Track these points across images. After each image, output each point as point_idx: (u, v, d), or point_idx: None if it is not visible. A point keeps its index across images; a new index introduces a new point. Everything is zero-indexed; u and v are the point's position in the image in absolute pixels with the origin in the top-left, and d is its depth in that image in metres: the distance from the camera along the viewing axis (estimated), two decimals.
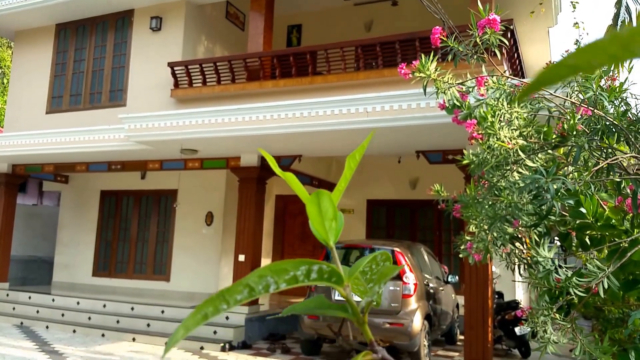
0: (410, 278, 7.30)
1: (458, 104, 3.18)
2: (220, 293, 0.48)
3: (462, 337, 8.90)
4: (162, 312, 9.20)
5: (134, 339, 8.63)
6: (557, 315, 2.71)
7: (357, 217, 12.41)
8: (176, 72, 10.19)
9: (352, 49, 8.81)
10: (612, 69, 4.88)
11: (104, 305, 9.67)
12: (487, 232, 3.14)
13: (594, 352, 2.56)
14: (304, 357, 7.68)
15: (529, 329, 2.73)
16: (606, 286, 2.50)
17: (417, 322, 7.04)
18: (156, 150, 9.24)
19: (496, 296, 8.72)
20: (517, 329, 7.67)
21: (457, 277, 8.88)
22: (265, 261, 12.05)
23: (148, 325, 8.91)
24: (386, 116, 6.90)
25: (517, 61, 8.55)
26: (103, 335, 8.84)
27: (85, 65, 11.69)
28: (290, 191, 12.56)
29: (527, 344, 8.04)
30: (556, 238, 3.54)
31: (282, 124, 7.49)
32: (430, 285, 8.03)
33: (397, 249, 7.56)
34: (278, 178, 10.18)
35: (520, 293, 10.49)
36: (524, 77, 9.62)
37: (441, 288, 8.54)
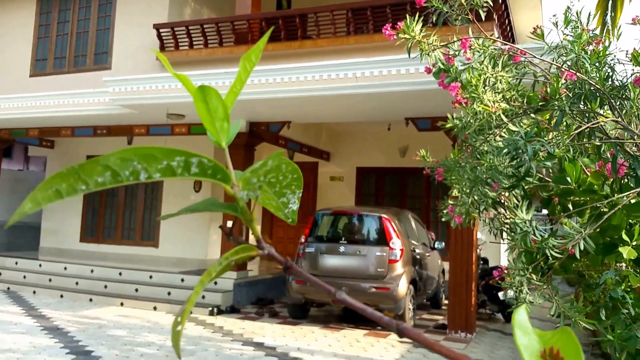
0: (396, 244, 7.37)
1: (444, 67, 3.15)
2: (74, 169, 0.44)
3: (447, 302, 9.06)
4: (150, 277, 9.25)
5: (122, 304, 8.70)
6: (534, 276, 2.75)
7: (346, 184, 12.45)
8: (162, 34, 10.01)
9: (342, 13, 8.67)
10: (603, 34, 4.83)
11: (92, 271, 9.70)
12: (469, 195, 3.16)
13: (569, 311, 2.61)
14: (291, 320, 7.79)
15: (512, 294, 2.78)
16: (582, 248, 2.52)
17: (403, 287, 7.15)
18: (142, 114, 9.14)
19: (481, 262, 8.85)
20: (500, 294, 7.81)
21: (443, 244, 8.98)
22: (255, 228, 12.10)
23: (136, 290, 8.97)
24: (375, 81, 6.85)
25: (508, 27, 8.47)
26: (91, 300, 8.90)
27: (69, 27, 11.44)
28: None
29: (510, 308, 8.21)
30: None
31: (270, 89, 7.41)
32: (417, 251, 8.12)
33: (385, 216, 7.62)
34: (268, 145, 10.13)
35: (505, 259, 10.65)
36: (514, 42, 9.54)
37: (427, 254, 8.64)
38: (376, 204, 11.93)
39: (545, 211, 4.82)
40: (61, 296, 9.17)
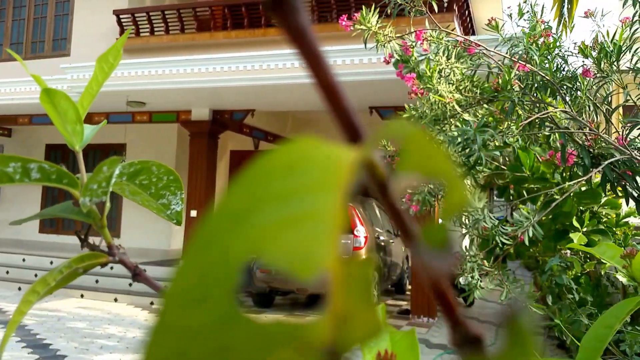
0: (360, 231, 7.45)
1: (399, 57, 3.18)
2: None
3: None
4: (112, 268, 9.09)
5: (82, 296, 8.56)
6: (486, 263, 2.83)
7: None
8: (122, 20, 9.79)
9: (306, 1, 8.64)
10: (560, 26, 4.94)
11: (51, 262, 9.50)
12: (424, 184, 3.22)
13: (519, 297, 2.70)
14: (255, 309, 7.81)
15: (464, 280, 2.85)
16: (531, 235, 2.60)
17: None
18: (102, 102, 8.94)
19: None
20: (460, 279, 8.00)
21: None
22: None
23: (96, 281, 8.83)
24: (339, 70, 6.86)
25: (468, 18, 8.59)
26: None
27: (26, 11, 11.06)
28: (245, 146, 12.45)
29: (464, 293, 8.42)
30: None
31: (233, 77, 7.35)
32: (381, 238, 8.22)
33: (349, 204, 7.66)
34: (233, 133, 10.05)
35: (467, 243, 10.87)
36: (474, 33, 9.68)
37: (391, 241, 8.76)
38: None
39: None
40: (19, 288, 8.95)
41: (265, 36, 8.72)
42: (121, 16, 9.72)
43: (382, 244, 8.22)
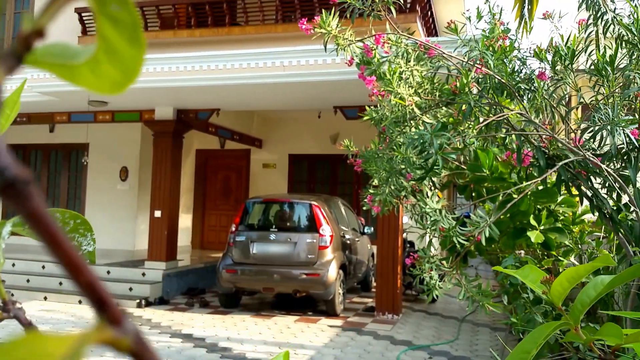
0: (326, 230, 7.50)
1: (358, 60, 3.22)
2: None
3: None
4: None
5: (45, 298, 8.38)
6: (445, 263, 2.90)
7: (279, 171, 12.46)
8: (84, 18, 9.58)
9: (271, 0, 8.62)
10: (520, 27, 5.06)
11: (13, 265, 9.26)
12: (385, 185, 3.27)
13: (476, 295, 2.78)
14: (222, 310, 7.77)
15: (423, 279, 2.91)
16: (487, 235, 2.68)
17: (333, 272, 7.29)
18: (63, 101, 8.75)
19: (408, 245, 9.14)
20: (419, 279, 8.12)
21: (372, 228, 9.20)
22: (186, 217, 11.91)
23: (60, 283, 8.64)
24: (303, 71, 6.88)
25: (431, 19, 8.71)
26: (12, 295, 8.45)
27: None
28: (211, 145, 12.35)
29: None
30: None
31: (197, 76, 7.28)
32: (347, 236, 8.29)
33: (315, 203, 7.71)
34: (198, 132, 9.96)
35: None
36: (437, 34, 9.82)
37: (357, 239, 8.84)
38: (308, 190, 12.03)
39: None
40: None
41: (230, 35, 8.67)
42: (83, 14, 9.52)
43: (348, 242, 8.29)
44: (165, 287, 8.41)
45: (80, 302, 8.17)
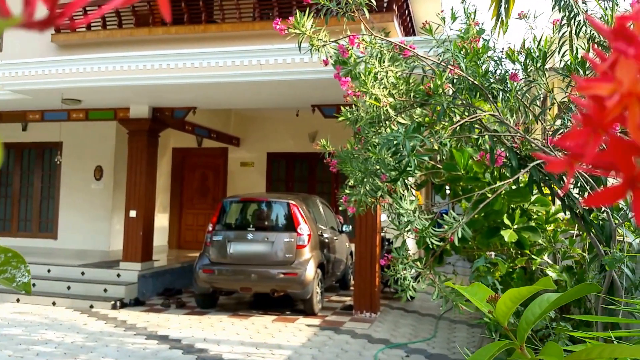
0: (304, 229, 7.48)
1: (334, 62, 3.21)
2: None
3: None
4: (49, 271, 8.78)
5: (18, 300, 8.21)
6: (419, 264, 2.90)
7: (257, 170, 12.40)
8: None
9: None
10: (497, 26, 5.09)
11: None
12: (361, 186, 3.26)
13: (450, 295, 2.79)
14: (199, 310, 7.71)
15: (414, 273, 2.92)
16: (460, 235, 2.69)
17: (310, 271, 7.28)
18: (36, 100, 8.57)
19: (386, 243, 9.18)
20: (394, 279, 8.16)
21: (350, 227, 9.21)
22: (162, 217, 11.78)
23: (34, 285, 8.47)
24: (280, 69, 6.84)
25: (408, 18, 8.73)
26: None
27: None
28: (188, 144, 12.23)
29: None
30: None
31: (173, 74, 7.19)
32: (325, 235, 8.28)
33: (292, 202, 7.69)
34: (175, 131, 9.86)
35: (410, 240, 11.09)
36: (414, 33, 9.87)
37: (335, 237, 8.84)
38: (287, 189, 12.01)
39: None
40: None
41: (206, 32, 8.58)
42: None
43: (326, 240, 8.29)
44: (140, 288, 8.31)
45: (54, 303, 8.02)
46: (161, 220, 11.55)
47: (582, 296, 3.26)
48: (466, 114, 3.24)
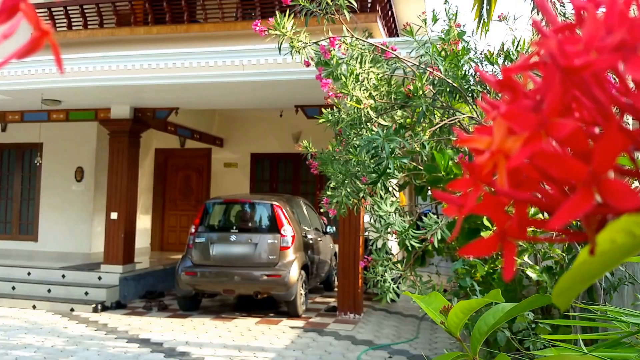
0: (287, 231, 7.45)
1: (315, 62, 3.19)
2: None
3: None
4: (29, 273, 8.65)
5: None
6: (399, 266, 2.90)
7: (241, 171, 12.34)
8: (37, 14, 9.26)
9: None
10: (480, 28, 5.10)
11: None
12: (342, 188, 3.25)
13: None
14: (181, 313, 7.64)
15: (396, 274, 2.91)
16: (440, 237, 2.69)
17: (294, 273, 7.25)
18: (15, 100, 8.44)
19: (370, 244, 9.17)
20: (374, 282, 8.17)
21: (334, 228, 9.20)
22: (145, 218, 11.67)
23: (13, 288, 8.34)
24: (263, 70, 6.81)
25: (392, 19, 8.75)
26: None
27: None
28: (171, 144, 12.14)
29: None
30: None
31: (155, 75, 7.13)
32: (309, 236, 8.26)
33: (276, 203, 7.66)
34: (157, 131, 9.77)
35: (393, 242, 11.11)
36: (398, 35, 9.89)
37: (319, 239, 8.82)
38: (271, 190, 11.97)
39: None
40: None
41: (188, 32, 8.52)
42: (36, 10, 9.19)
43: (310, 242, 8.27)
44: (122, 290, 8.21)
45: (34, 307, 7.90)
46: (143, 222, 11.44)
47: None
48: (446, 115, 3.25)
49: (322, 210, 3.68)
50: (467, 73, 3.16)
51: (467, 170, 0.25)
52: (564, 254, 3.82)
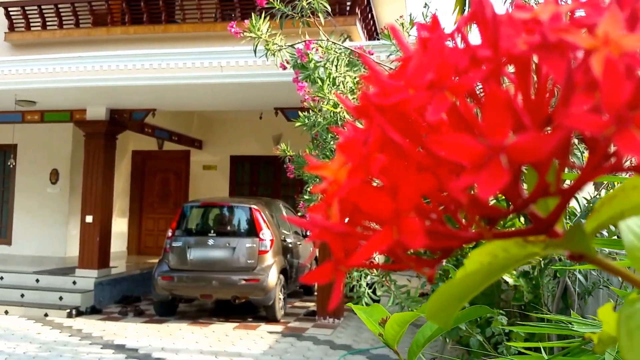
0: (266, 234, 7.38)
1: (290, 66, 3.15)
2: None
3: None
4: (1, 278, 8.45)
5: None
6: (375, 270, 2.87)
7: (220, 173, 12.23)
8: (11, 13, 9.07)
9: None
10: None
11: None
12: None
13: (405, 302, 2.76)
14: (157, 318, 7.52)
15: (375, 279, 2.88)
16: None
17: (273, 278, 7.19)
18: None
19: None
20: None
21: None
22: (121, 221, 11.49)
23: None
24: (242, 71, 6.75)
25: (372, 21, 8.75)
26: None
27: None
28: (149, 146, 11.97)
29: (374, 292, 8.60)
30: None
31: (131, 75, 7.02)
32: (288, 240, 8.20)
33: (254, 207, 7.59)
34: (134, 133, 9.62)
35: None
36: (377, 37, 9.90)
37: (299, 242, 8.77)
38: (251, 193, 11.88)
39: None
40: None
41: (166, 32, 8.41)
42: (10, 8, 9.00)
43: (290, 245, 8.22)
44: (97, 295, 8.06)
45: (6, 312, 7.72)
46: (120, 226, 11.26)
47: (540, 299, 3.27)
48: None
49: (299, 214, 3.64)
50: None
51: (322, 194, 0.25)
52: (541, 259, 3.83)
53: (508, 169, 0.21)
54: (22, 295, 8.06)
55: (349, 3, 7.62)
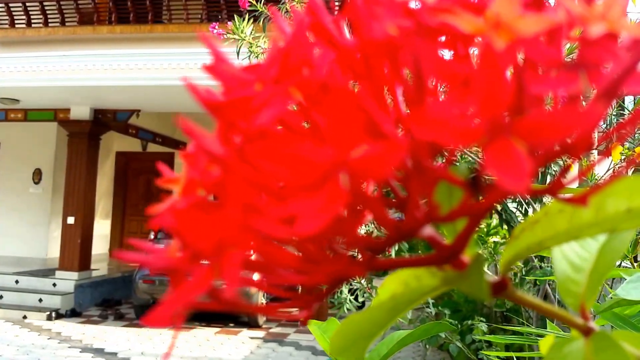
0: None
1: None
2: None
3: None
4: None
5: None
6: (357, 277, 2.84)
7: None
8: None
9: None
10: None
11: None
12: None
13: None
14: (138, 322, 7.42)
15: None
16: (397, 248, 2.64)
17: None
18: None
19: None
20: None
21: None
22: (104, 223, 11.36)
23: None
24: None
25: None
26: None
27: None
28: (133, 147, 11.85)
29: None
30: None
31: (116, 75, 6.94)
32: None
33: None
34: (119, 134, 9.52)
35: None
36: None
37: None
38: None
39: None
40: None
41: (152, 32, 8.32)
42: None
43: None
44: (77, 298, 7.94)
45: None
46: (102, 227, 11.12)
47: (518, 312, 3.27)
48: None
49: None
50: None
51: None
52: (523, 266, 3.83)
53: (346, 191, 0.16)
54: (1, 297, 7.92)
55: (337, 6, 7.56)
